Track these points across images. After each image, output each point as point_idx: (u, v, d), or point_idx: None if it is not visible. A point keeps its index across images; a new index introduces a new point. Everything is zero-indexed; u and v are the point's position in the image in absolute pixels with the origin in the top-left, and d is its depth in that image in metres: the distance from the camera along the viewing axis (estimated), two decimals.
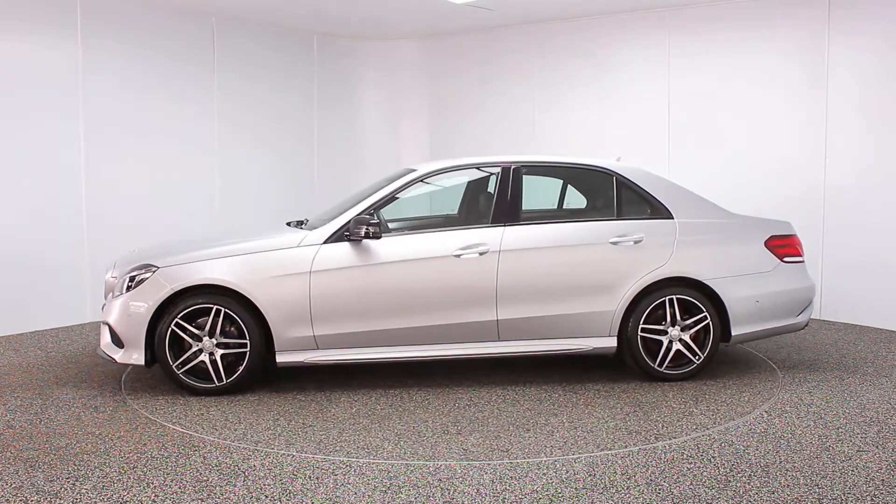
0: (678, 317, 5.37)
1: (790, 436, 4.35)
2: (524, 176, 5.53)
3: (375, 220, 5.18)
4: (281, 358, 5.16)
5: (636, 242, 5.40)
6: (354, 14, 8.50)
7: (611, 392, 5.22)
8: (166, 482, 3.73)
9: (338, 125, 9.79)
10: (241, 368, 5.12)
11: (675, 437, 4.32)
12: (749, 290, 5.46)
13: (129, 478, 3.78)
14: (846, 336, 6.81)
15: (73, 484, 3.71)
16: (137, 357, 5.09)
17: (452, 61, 9.73)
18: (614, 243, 5.39)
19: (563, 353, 5.41)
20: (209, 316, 5.08)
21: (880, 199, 7.01)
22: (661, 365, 5.38)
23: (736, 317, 5.43)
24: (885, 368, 5.76)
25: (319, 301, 5.13)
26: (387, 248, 5.23)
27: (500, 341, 5.33)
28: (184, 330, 5.08)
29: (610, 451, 4.13)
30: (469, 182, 6.15)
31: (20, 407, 4.93)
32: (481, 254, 5.24)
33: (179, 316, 5.06)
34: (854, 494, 3.57)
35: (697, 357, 5.40)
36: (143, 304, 5.09)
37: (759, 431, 4.42)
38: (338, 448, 4.20)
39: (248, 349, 5.10)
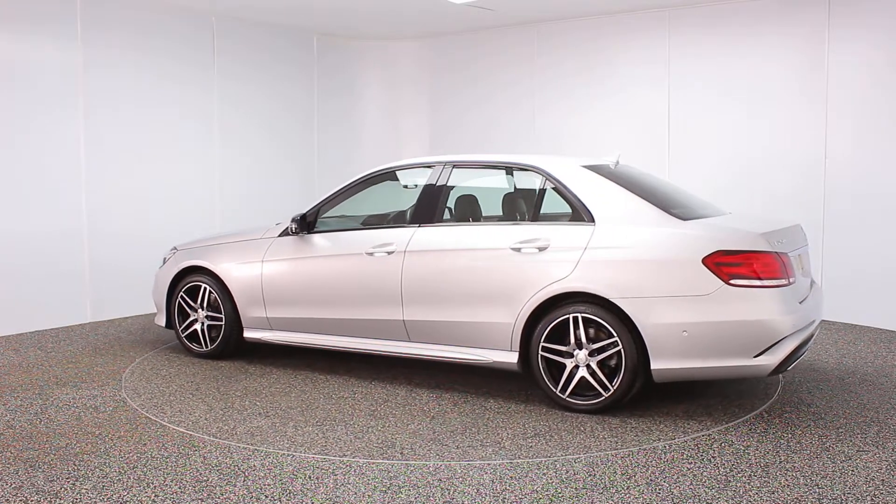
0: (584, 339, 4.60)
1: (790, 436, 4.34)
2: (452, 175, 5.33)
3: (299, 219, 5.65)
4: (247, 334, 5.93)
5: (540, 250, 4.77)
6: (354, 14, 8.50)
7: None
8: (166, 482, 3.73)
9: (338, 126, 9.79)
10: (219, 338, 5.98)
11: (672, 439, 4.32)
12: (675, 317, 4.38)
13: (129, 478, 3.78)
14: (846, 336, 6.80)
15: (73, 484, 3.71)
16: (162, 320, 6.28)
17: (452, 61, 9.72)
18: (516, 249, 4.84)
19: (464, 363, 5.10)
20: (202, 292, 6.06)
21: (880, 198, 7.00)
22: (563, 391, 4.68)
23: (656, 347, 4.43)
24: (885, 368, 5.76)
25: (268, 287, 5.76)
26: (320, 243, 5.63)
27: (411, 342, 5.27)
28: (187, 303, 6.11)
29: (610, 452, 4.13)
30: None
31: (20, 407, 4.93)
32: (389, 253, 5.26)
33: (182, 290, 6.12)
34: (854, 494, 3.56)
35: (606, 389, 4.57)
36: (164, 279, 6.28)
37: (759, 431, 4.42)
38: (339, 448, 4.20)
39: (223, 322, 5.96)
